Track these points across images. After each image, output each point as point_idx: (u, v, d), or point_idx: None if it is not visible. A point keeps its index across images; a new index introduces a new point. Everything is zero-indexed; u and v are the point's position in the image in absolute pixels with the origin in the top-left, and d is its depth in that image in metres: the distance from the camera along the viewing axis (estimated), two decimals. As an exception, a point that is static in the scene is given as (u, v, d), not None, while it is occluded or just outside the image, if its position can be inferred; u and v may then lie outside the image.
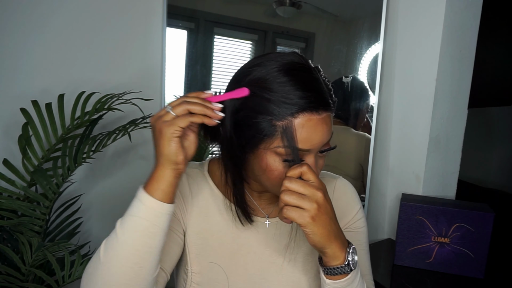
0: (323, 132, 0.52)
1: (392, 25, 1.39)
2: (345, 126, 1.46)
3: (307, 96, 0.50)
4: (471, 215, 1.08)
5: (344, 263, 0.52)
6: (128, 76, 1.34)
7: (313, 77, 0.52)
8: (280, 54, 0.54)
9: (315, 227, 0.49)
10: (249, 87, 0.52)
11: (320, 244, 0.50)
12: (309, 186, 0.49)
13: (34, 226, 1.04)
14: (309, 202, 0.48)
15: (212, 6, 1.40)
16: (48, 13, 1.21)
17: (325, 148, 0.56)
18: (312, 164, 0.54)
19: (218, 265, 0.64)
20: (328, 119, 0.53)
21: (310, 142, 0.52)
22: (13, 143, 1.17)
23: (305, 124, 0.51)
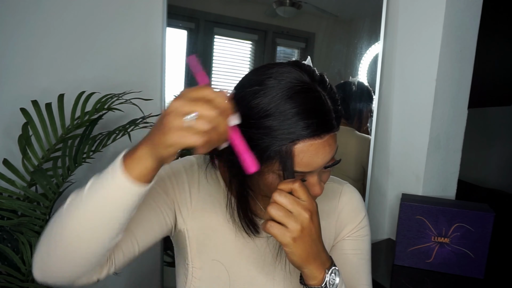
0: (325, 154, 0.52)
1: (392, 25, 1.39)
2: (349, 127, 1.46)
3: (307, 124, 0.49)
4: (471, 215, 1.08)
5: (321, 284, 0.52)
6: (128, 76, 1.34)
7: (314, 98, 0.50)
8: (280, 72, 0.51)
9: (294, 248, 0.49)
10: (250, 113, 0.50)
11: (298, 264, 0.51)
12: (297, 204, 0.49)
13: (34, 226, 1.04)
14: (294, 222, 0.48)
15: (212, 6, 1.40)
16: (48, 13, 1.21)
17: (330, 164, 0.55)
18: (315, 182, 0.54)
19: (220, 263, 0.64)
20: (331, 139, 0.52)
21: (312, 165, 0.52)
22: (13, 143, 1.17)
23: (306, 150, 0.50)
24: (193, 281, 0.64)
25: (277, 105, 0.49)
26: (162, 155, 0.44)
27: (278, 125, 0.49)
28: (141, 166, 0.45)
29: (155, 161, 0.45)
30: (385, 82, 1.42)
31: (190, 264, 0.65)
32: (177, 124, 0.41)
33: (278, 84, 0.50)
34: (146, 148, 0.45)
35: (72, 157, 1.04)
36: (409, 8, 1.34)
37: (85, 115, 1.10)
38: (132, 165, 0.46)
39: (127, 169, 0.46)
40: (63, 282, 0.51)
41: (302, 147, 0.50)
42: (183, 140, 0.41)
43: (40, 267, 0.50)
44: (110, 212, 0.47)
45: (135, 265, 1.48)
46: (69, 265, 0.49)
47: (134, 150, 0.46)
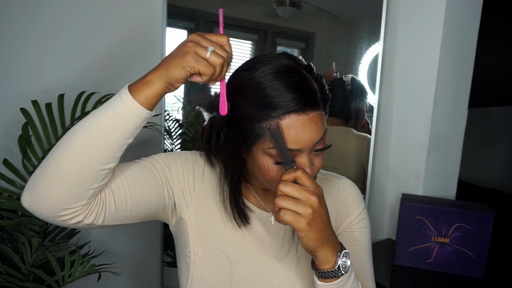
0: (312, 132, 0.53)
1: (392, 25, 1.39)
2: (346, 127, 1.46)
3: (292, 97, 0.51)
4: (471, 215, 1.08)
5: (334, 267, 0.53)
6: (128, 76, 1.34)
7: (300, 78, 0.53)
8: (270, 57, 0.55)
9: (309, 232, 0.50)
10: (239, 91, 0.55)
11: (312, 248, 0.51)
12: (304, 190, 0.50)
13: (34, 226, 1.04)
14: (304, 207, 0.49)
15: (212, 6, 1.40)
16: (48, 13, 1.22)
17: (320, 147, 0.56)
18: (306, 163, 0.55)
19: (223, 252, 0.65)
20: (317, 118, 0.54)
21: (300, 142, 0.53)
22: (13, 143, 1.17)
23: (292, 125, 0.52)
24: (195, 269, 0.65)
25: (263, 81, 0.52)
26: (172, 76, 0.50)
27: (264, 101, 0.52)
28: (150, 90, 0.50)
29: (163, 84, 0.50)
30: (385, 82, 1.42)
31: (192, 252, 0.65)
32: (196, 50, 0.49)
33: (267, 66, 0.54)
34: (157, 72, 0.51)
35: (72, 157, 1.04)
36: (409, 8, 1.34)
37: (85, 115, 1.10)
38: (140, 88, 0.50)
39: (133, 93, 0.50)
40: (48, 211, 0.51)
41: (289, 121, 0.52)
42: (197, 65, 0.49)
43: (29, 190, 0.51)
44: (109, 129, 0.50)
45: (135, 265, 1.48)
46: (56, 184, 0.49)
47: (144, 76, 0.51)
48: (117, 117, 0.50)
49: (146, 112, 0.51)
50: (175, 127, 1.45)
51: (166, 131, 1.42)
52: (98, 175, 0.51)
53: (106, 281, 1.14)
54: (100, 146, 0.50)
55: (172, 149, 1.47)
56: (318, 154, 0.57)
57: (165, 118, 1.40)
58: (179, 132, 1.46)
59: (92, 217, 0.54)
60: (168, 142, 1.45)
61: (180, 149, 1.48)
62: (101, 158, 0.50)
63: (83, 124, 0.51)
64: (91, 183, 0.51)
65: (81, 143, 0.50)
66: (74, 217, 0.52)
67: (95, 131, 0.50)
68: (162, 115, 1.37)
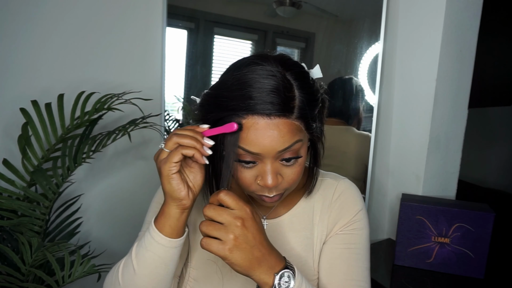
0: (273, 138, 0.51)
1: (392, 25, 1.39)
2: (346, 126, 1.46)
3: (260, 100, 0.49)
4: (471, 215, 1.08)
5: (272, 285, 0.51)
6: (128, 76, 1.34)
7: (276, 82, 0.50)
8: (255, 57, 0.54)
9: (233, 259, 0.49)
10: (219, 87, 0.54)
11: (242, 273, 0.50)
12: (227, 214, 0.49)
13: (34, 226, 1.04)
14: (226, 234, 0.48)
15: (212, 6, 1.39)
16: (48, 13, 1.21)
17: (289, 157, 0.54)
18: (267, 170, 0.53)
19: (214, 263, 0.65)
20: (283, 125, 0.51)
21: (258, 146, 0.51)
22: (13, 143, 1.17)
23: (252, 127, 0.50)
24: (189, 281, 0.66)
25: (240, 80, 0.51)
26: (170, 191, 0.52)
27: (233, 97, 0.51)
28: (170, 219, 0.53)
29: (177, 208, 0.53)
30: (385, 82, 1.42)
31: (189, 265, 0.66)
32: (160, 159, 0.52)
33: (248, 67, 0.52)
34: (165, 201, 0.54)
35: (72, 157, 1.04)
36: (409, 8, 1.34)
37: (85, 115, 1.10)
38: (163, 223, 0.54)
39: (160, 229, 0.54)
40: None
41: (250, 122, 0.50)
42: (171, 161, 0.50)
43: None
44: (162, 269, 0.55)
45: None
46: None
47: (161, 209, 0.55)
48: (162, 261, 0.55)
49: (181, 241, 0.56)
50: (175, 127, 1.45)
51: (166, 131, 1.42)
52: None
53: (106, 281, 1.13)
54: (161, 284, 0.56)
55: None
56: (288, 165, 0.55)
57: (165, 118, 1.40)
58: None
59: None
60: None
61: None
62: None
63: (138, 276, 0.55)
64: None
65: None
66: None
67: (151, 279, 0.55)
68: (162, 115, 1.37)
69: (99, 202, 1.37)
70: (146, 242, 0.54)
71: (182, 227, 0.54)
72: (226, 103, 0.51)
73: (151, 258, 0.54)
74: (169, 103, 1.40)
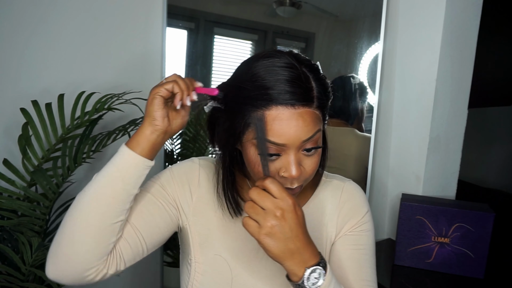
0: (298, 128, 0.51)
1: (392, 25, 1.39)
2: (349, 127, 1.46)
3: (283, 90, 0.50)
4: (471, 215, 1.08)
5: (299, 282, 0.51)
6: (128, 76, 1.34)
7: (296, 73, 0.52)
8: (272, 52, 0.55)
9: (266, 244, 0.50)
10: (235, 81, 0.56)
11: (274, 259, 0.51)
12: (269, 202, 0.50)
13: (34, 226, 1.04)
14: (264, 220, 0.49)
15: (212, 6, 1.40)
16: (48, 13, 1.21)
17: (310, 147, 0.54)
18: (291, 161, 0.53)
19: (222, 258, 0.65)
20: (307, 115, 0.52)
21: (284, 136, 0.51)
22: (13, 143, 1.17)
23: (278, 117, 0.51)
24: (196, 276, 0.65)
25: (260, 73, 0.52)
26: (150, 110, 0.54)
27: (255, 91, 0.51)
28: (141, 136, 0.54)
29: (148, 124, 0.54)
30: (385, 82, 1.42)
31: (193, 260, 0.66)
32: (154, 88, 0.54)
33: (265, 59, 0.54)
34: (142, 122, 0.55)
35: (72, 157, 1.04)
36: (409, 8, 1.34)
37: (85, 115, 1.10)
38: (133, 141, 0.55)
39: (129, 145, 0.54)
40: (75, 275, 0.53)
41: (275, 113, 0.51)
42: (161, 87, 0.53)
43: (52, 261, 0.53)
44: (113, 183, 0.54)
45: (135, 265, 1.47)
46: (77, 247, 0.52)
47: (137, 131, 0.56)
48: (117, 170, 0.54)
49: (143, 160, 0.54)
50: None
51: (166, 131, 1.42)
52: (113, 229, 0.54)
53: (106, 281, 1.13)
54: (108, 200, 0.53)
55: (172, 149, 1.47)
56: (309, 155, 0.55)
57: (165, 118, 1.40)
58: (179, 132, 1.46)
59: (114, 266, 0.57)
60: (168, 142, 1.45)
61: (180, 149, 1.48)
62: (112, 212, 0.54)
63: (90, 185, 0.55)
64: (109, 238, 0.54)
65: (90, 202, 0.53)
66: (99, 273, 0.55)
67: (101, 188, 0.54)
68: (162, 115, 1.37)
69: (99, 202, 1.37)
70: (114, 159, 0.55)
71: (149, 148, 0.55)
72: (247, 95, 0.52)
73: (108, 170, 0.54)
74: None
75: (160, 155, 1.40)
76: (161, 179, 0.65)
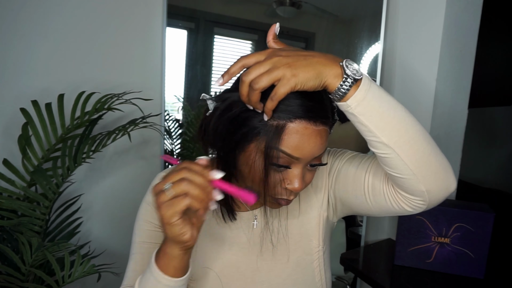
0: (316, 145, 0.51)
1: (392, 25, 1.39)
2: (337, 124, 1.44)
3: (308, 105, 0.50)
4: (471, 215, 1.07)
5: (343, 75, 0.47)
6: (128, 76, 1.34)
7: (318, 92, 0.50)
8: None
9: (302, 79, 0.46)
10: None
11: (317, 83, 0.47)
12: (263, 62, 0.47)
13: (34, 226, 1.04)
14: (277, 70, 0.46)
15: (212, 6, 1.40)
16: (48, 13, 1.21)
17: (316, 163, 0.54)
18: (298, 174, 0.53)
19: (211, 270, 0.64)
20: (324, 133, 0.52)
21: (301, 151, 0.50)
22: (13, 143, 1.17)
23: (300, 131, 0.50)
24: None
25: None
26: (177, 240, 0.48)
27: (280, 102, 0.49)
28: (174, 260, 0.51)
29: (180, 250, 0.50)
30: (385, 82, 1.42)
31: None
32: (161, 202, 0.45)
33: None
34: (166, 241, 0.50)
35: (72, 157, 1.04)
36: (409, 8, 1.34)
37: (85, 115, 1.10)
38: (166, 264, 0.51)
39: (163, 271, 0.51)
40: None
41: (297, 126, 0.50)
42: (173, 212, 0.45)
43: None
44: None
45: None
46: None
47: (162, 248, 0.51)
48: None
49: (185, 278, 0.53)
50: (175, 127, 1.45)
51: (166, 131, 1.42)
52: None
53: (106, 281, 1.14)
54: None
55: (172, 149, 1.47)
56: (311, 170, 0.56)
57: (165, 118, 1.40)
58: (179, 132, 1.46)
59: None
60: (168, 142, 1.45)
61: (180, 149, 1.48)
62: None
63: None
64: None
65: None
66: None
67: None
68: (162, 115, 1.37)
69: (99, 202, 1.37)
70: (151, 285, 0.52)
71: (186, 264, 0.52)
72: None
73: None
74: (169, 103, 1.40)
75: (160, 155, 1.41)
76: (143, 216, 0.64)
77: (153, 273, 0.52)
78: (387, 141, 0.49)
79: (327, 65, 0.47)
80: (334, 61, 0.48)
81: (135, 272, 0.61)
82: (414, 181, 0.52)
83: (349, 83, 0.47)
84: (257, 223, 0.66)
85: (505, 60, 1.85)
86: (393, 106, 0.50)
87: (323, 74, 0.47)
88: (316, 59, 0.47)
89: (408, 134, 0.50)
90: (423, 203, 0.55)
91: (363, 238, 1.41)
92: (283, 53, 0.47)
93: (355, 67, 0.48)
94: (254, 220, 0.66)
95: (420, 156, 0.51)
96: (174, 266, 0.51)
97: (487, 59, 1.72)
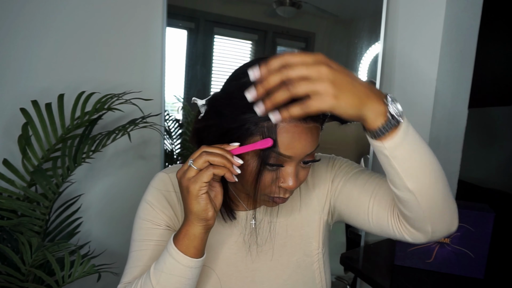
0: (307, 142, 0.52)
1: (392, 25, 1.39)
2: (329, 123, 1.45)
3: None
4: (471, 215, 1.07)
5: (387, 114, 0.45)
6: (128, 76, 1.34)
7: None
8: None
9: (342, 103, 0.42)
10: (240, 87, 0.50)
11: (356, 113, 0.44)
12: (306, 66, 0.43)
13: (34, 226, 1.04)
14: (320, 83, 0.42)
15: (212, 6, 1.40)
16: (48, 13, 1.21)
17: (309, 159, 0.55)
18: (292, 172, 0.53)
19: (209, 268, 0.64)
20: (315, 130, 0.52)
21: (292, 149, 0.51)
22: (13, 143, 1.17)
23: (290, 130, 0.50)
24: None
25: None
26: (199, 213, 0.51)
27: None
28: (195, 240, 0.53)
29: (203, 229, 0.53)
30: (385, 82, 1.42)
31: None
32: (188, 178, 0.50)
33: None
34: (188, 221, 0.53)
35: (71, 157, 1.04)
36: (409, 8, 1.34)
37: (85, 115, 1.10)
38: (187, 244, 0.53)
39: (184, 251, 0.53)
40: None
41: (288, 126, 0.50)
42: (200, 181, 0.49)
43: None
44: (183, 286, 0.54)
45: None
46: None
47: (183, 230, 0.53)
48: (187, 281, 0.54)
49: (203, 259, 0.55)
50: (175, 127, 1.45)
51: (166, 131, 1.42)
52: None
53: (106, 281, 1.14)
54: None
55: (172, 149, 1.47)
56: (305, 167, 0.56)
57: (165, 118, 1.40)
58: (179, 132, 1.46)
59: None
60: (168, 142, 1.45)
61: (180, 149, 1.48)
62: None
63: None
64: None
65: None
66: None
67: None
68: (162, 115, 1.37)
69: (99, 202, 1.37)
70: (170, 267, 0.53)
71: (204, 247, 0.55)
72: None
73: (178, 282, 0.53)
74: (169, 103, 1.40)
75: (160, 155, 1.41)
76: (142, 215, 0.64)
77: (172, 255, 0.53)
78: (411, 187, 0.49)
79: (371, 98, 0.45)
80: (379, 96, 0.46)
81: (137, 268, 0.61)
82: (423, 221, 0.53)
83: (391, 124, 0.45)
84: (255, 222, 0.66)
85: (505, 60, 1.85)
86: (424, 152, 0.49)
87: (366, 107, 0.44)
88: (362, 88, 0.44)
89: (431, 180, 0.51)
90: (425, 238, 0.56)
91: (363, 238, 1.41)
92: (334, 66, 0.44)
93: (399, 107, 0.46)
94: (253, 219, 0.66)
95: (435, 201, 0.52)
96: (195, 246, 0.52)
97: (487, 59, 1.72)
